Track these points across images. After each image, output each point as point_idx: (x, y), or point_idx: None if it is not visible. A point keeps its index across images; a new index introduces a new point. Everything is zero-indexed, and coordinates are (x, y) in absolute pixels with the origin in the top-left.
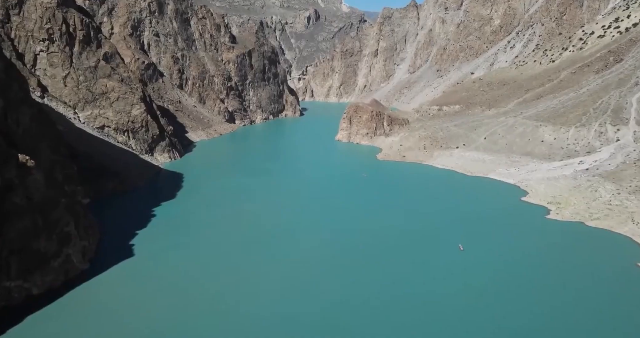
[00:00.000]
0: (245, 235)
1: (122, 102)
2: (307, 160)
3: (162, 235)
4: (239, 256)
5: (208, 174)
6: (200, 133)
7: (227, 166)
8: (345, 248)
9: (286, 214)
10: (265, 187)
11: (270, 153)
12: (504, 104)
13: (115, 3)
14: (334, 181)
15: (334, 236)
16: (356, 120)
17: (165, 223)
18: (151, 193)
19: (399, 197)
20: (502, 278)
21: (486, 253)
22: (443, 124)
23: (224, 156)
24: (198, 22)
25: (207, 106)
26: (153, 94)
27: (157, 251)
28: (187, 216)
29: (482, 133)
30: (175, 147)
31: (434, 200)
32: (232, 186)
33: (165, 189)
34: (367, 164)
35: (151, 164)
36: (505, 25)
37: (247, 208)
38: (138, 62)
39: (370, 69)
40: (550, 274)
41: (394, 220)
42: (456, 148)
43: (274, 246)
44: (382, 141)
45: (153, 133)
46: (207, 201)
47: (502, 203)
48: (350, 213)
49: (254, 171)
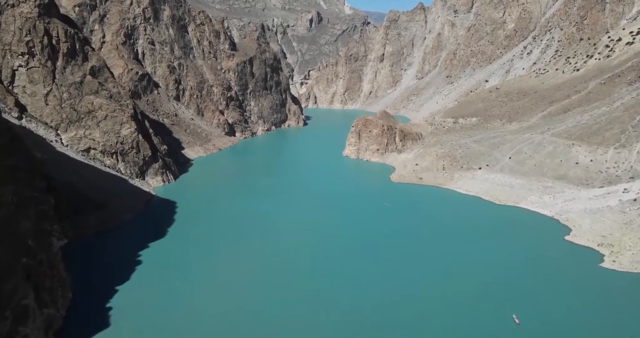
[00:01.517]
0: (248, 288)
1: (110, 122)
2: (314, 181)
3: (147, 291)
4: (241, 318)
5: (204, 200)
6: (198, 148)
7: (224, 190)
8: (375, 324)
9: (293, 255)
10: (268, 217)
11: (272, 171)
12: (526, 117)
13: (108, 9)
14: (348, 210)
15: (352, 305)
16: (365, 135)
17: (152, 272)
18: (139, 230)
19: (425, 238)
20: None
21: (547, 327)
22: (461, 139)
23: (222, 176)
24: (196, 29)
25: (206, 119)
26: (147, 107)
27: (141, 318)
28: (179, 262)
29: (506, 151)
30: (169, 168)
31: (467, 242)
32: (231, 215)
33: (155, 225)
34: (381, 188)
35: (141, 191)
36: (520, 30)
37: (248, 247)
38: (131, 72)
39: (376, 75)
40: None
41: (428, 279)
42: (478, 168)
43: (280, 303)
44: (395, 159)
45: (145, 155)
46: (202, 239)
47: (543, 244)
48: (370, 264)
49: (254, 196)
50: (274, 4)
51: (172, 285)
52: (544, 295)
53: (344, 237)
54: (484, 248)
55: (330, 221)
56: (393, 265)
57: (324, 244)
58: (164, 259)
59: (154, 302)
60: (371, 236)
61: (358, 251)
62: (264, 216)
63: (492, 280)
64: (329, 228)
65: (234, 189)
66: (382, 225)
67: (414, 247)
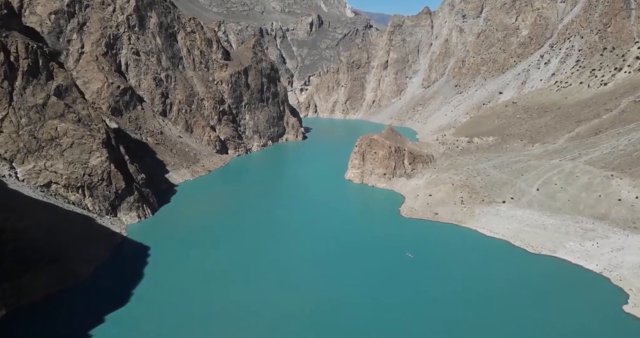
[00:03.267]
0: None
1: (77, 150)
2: (313, 215)
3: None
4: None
5: (184, 242)
6: (184, 171)
7: (208, 226)
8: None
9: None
10: (259, 267)
11: (264, 201)
12: (551, 138)
13: (87, 17)
14: (356, 263)
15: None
16: (370, 156)
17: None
18: (99, 290)
19: (455, 304)
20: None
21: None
22: (477, 163)
23: (207, 208)
24: (186, 37)
25: (195, 136)
26: (129, 125)
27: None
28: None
29: (533, 180)
30: (147, 201)
31: (503, 311)
32: (215, 263)
33: (120, 281)
34: (391, 226)
35: (110, 233)
36: (535, 37)
37: (235, 315)
38: (112, 87)
39: (380, 83)
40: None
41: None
42: (502, 202)
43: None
44: (404, 185)
45: (117, 187)
46: (177, 301)
47: (595, 319)
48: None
49: (242, 235)
50: (273, 6)
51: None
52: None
53: (354, 308)
54: (522, 320)
55: (335, 280)
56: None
57: (328, 321)
58: (125, 333)
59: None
60: (388, 309)
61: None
62: (252, 266)
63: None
64: (333, 294)
65: (220, 226)
66: (400, 290)
67: (441, 318)
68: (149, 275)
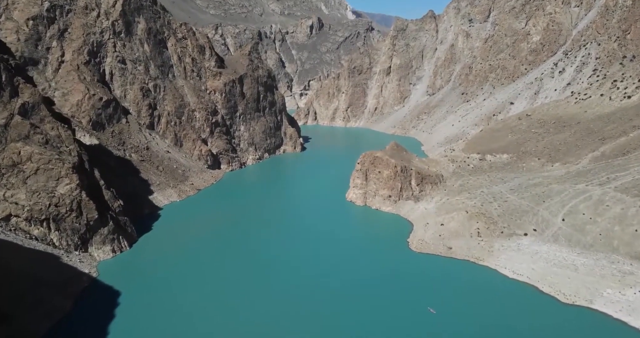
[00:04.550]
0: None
1: (42, 177)
2: (311, 244)
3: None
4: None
5: (163, 282)
6: (170, 192)
7: (194, 259)
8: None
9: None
10: (248, 313)
11: (256, 227)
12: (572, 157)
13: (69, 23)
14: (361, 306)
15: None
16: (374, 176)
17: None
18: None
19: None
20: None
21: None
22: (492, 185)
23: (193, 235)
24: (177, 44)
25: (185, 150)
26: (112, 140)
27: None
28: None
29: (556, 208)
30: (124, 231)
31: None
32: (199, 311)
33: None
34: (399, 261)
35: (77, 274)
36: (548, 43)
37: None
38: (93, 99)
39: (382, 89)
40: None
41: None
42: (524, 235)
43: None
44: (411, 209)
45: (89, 218)
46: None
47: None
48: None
49: (230, 271)
50: (272, 9)
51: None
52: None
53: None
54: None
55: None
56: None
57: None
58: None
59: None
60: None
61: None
62: (241, 311)
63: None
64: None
65: (205, 260)
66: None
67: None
68: (117, 332)
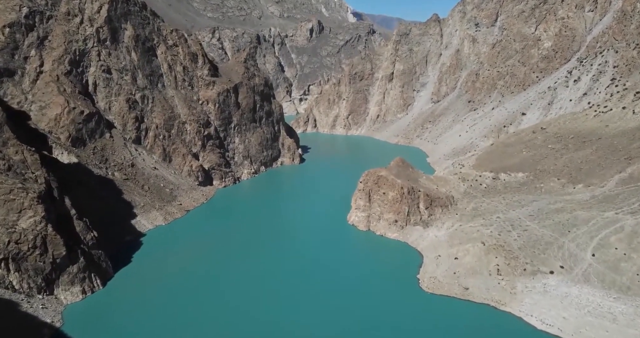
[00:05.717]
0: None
1: (2, 210)
2: (309, 278)
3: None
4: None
5: (140, 331)
6: (156, 214)
7: (175, 298)
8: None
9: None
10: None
11: (248, 255)
12: (596, 179)
13: (49, 30)
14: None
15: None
16: (378, 197)
17: None
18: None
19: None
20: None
21: None
22: (509, 210)
23: (176, 268)
24: (167, 52)
25: (174, 166)
26: (93, 158)
27: None
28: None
29: (584, 240)
30: (98, 267)
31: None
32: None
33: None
34: (409, 304)
35: (37, 325)
36: (560, 50)
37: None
38: (73, 112)
39: (384, 96)
40: None
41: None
42: (550, 273)
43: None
44: (420, 237)
45: (55, 255)
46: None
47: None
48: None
49: (218, 313)
50: (271, 11)
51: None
52: None
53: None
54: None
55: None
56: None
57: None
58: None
59: None
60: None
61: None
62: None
63: None
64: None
65: (188, 300)
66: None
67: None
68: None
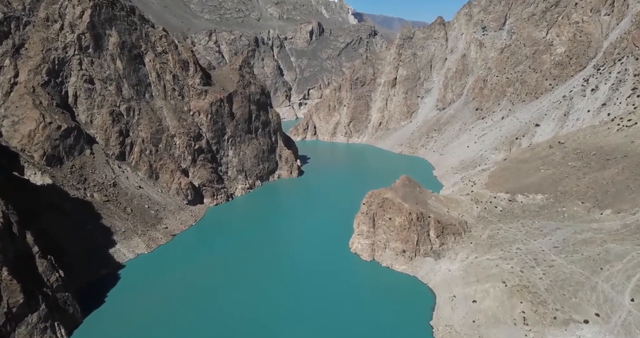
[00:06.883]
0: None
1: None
2: (303, 325)
3: None
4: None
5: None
6: (137, 241)
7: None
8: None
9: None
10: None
11: (237, 291)
12: (627, 204)
13: (26, 37)
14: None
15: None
16: (383, 223)
17: None
18: None
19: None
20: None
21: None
22: (531, 241)
23: (158, 307)
24: (155, 59)
25: (161, 183)
26: (70, 178)
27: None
28: None
29: (620, 280)
30: (63, 314)
31: None
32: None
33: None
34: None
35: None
36: (575, 56)
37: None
38: (49, 128)
39: (387, 103)
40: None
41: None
42: (584, 321)
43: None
44: (431, 270)
45: (11, 304)
46: None
47: None
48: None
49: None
50: (270, 13)
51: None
52: None
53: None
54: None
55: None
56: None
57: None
58: None
59: None
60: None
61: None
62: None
63: None
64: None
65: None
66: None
67: None
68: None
